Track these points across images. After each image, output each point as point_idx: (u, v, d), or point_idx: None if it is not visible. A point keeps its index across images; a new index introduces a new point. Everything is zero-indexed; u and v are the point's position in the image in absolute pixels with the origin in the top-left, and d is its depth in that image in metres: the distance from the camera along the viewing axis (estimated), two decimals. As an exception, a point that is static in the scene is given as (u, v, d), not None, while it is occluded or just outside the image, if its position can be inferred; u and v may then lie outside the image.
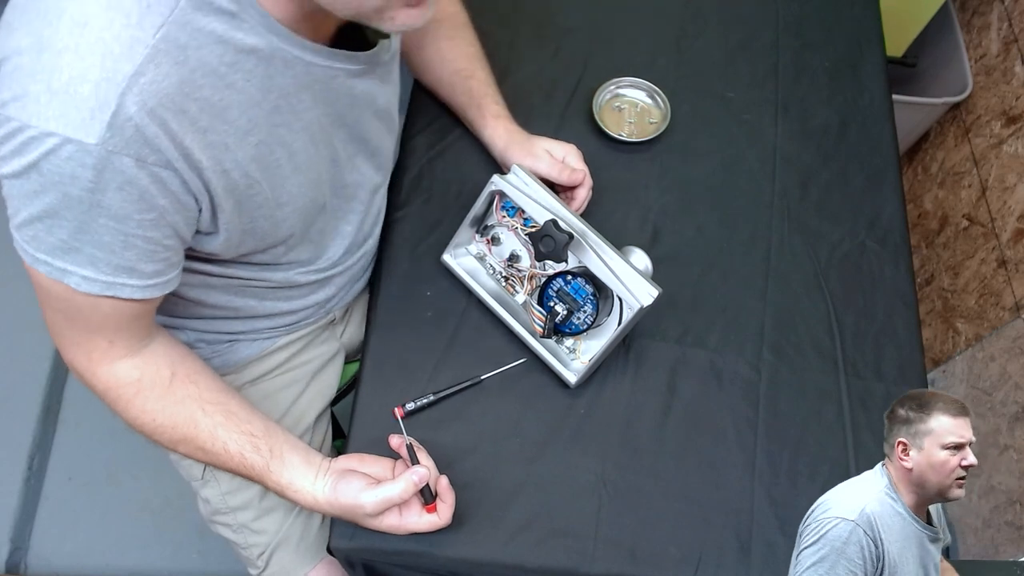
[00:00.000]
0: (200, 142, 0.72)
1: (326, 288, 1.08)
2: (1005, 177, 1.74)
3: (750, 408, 1.11)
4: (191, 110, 0.69)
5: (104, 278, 0.76)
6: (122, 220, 0.72)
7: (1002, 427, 1.63)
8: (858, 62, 1.46)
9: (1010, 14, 1.79)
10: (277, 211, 0.85)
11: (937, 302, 1.94)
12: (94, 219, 0.71)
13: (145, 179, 0.69)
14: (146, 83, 0.66)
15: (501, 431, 1.04)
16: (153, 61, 0.66)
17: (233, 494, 1.13)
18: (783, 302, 1.19)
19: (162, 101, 0.67)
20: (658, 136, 1.28)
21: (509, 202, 1.04)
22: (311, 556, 1.16)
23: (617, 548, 1.00)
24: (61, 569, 1.78)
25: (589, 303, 1.03)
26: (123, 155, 0.67)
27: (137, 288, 0.78)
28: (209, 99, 0.71)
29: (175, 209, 0.74)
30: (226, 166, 0.75)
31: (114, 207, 0.70)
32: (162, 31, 0.66)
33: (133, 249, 0.75)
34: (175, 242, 0.78)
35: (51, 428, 1.91)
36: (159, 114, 0.67)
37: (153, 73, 0.66)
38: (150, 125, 0.67)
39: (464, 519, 0.98)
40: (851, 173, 1.33)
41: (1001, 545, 1.58)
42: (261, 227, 0.86)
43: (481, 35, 1.23)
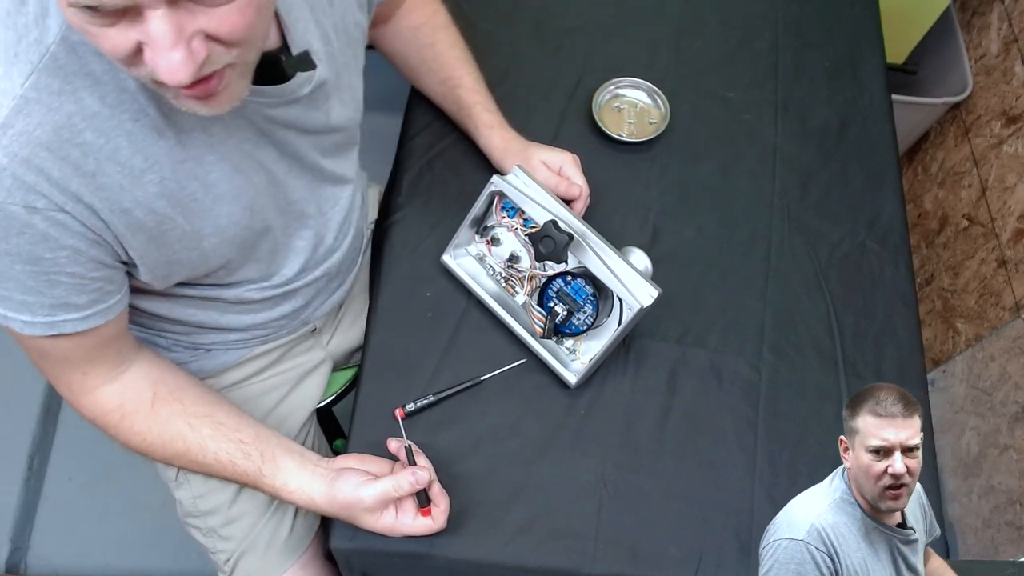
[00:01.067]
0: (89, 185, 0.70)
1: (290, 301, 1.05)
2: (1005, 177, 1.74)
3: (750, 408, 1.11)
4: (72, 155, 0.68)
5: (42, 319, 0.76)
6: (36, 262, 0.71)
7: (1002, 427, 1.63)
8: (858, 62, 1.46)
9: (1010, 14, 1.79)
10: (202, 242, 0.83)
11: (937, 302, 1.94)
12: (9, 266, 0.71)
13: (41, 223, 0.69)
14: (15, 134, 0.64)
15: (501, 432, 1.04)
16: (22, 111, 0.64)
17: (204, 498, 1.13)
18: (783, 302, 1.19)
19: (35, 151, 0.66)
20: (658, 136, 1.28)
21: (509, 203, 1.04)
22: (278, 563, 1.15)
23: (617, 548, 1.00)
24: (61, 569, 1.78)
25: (589, 304, 1.03)
26: (9, 204, 0.66)
27: (78, 320, 0.78)
28: (93, 142, 0.69)
29: (88, 246, 0.73)
30: (125, 206, 0.73)
31: (23, 252, 0.70)
32: (31, 79, 0.64)
33: (59, 286, 0.74)
34: (104, 272, 0.77)
35: (51, 428, 1.91)
36: (35, 163, 0.66)
37: (23, 123, 0.65)
38: (27, 173, 0.66)
39: (464, 520, 0.98)
40: (851, 173, 1.33)
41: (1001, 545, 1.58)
42: (187, 258, 0.84)
43: (481, 35, 1.23)
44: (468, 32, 1.21)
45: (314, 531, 1.18)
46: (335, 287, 1.11)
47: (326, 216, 1.01)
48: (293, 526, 1.16)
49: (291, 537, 1.15)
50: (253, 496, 1.12)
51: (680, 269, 1.18)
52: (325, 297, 1.10)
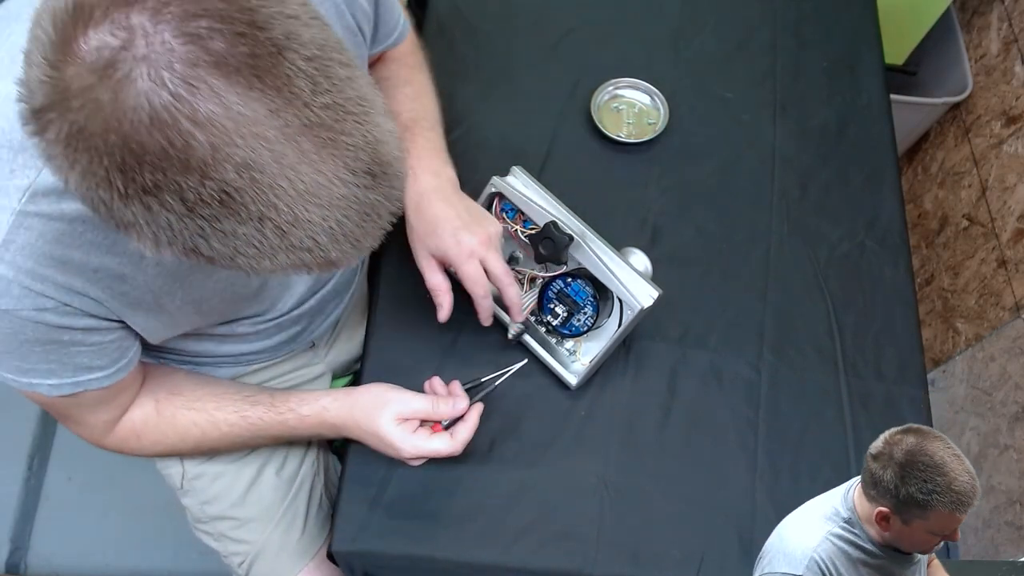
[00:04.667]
0: (91, 279, 0.71)
1: (287, 330, 1.05)
2: (1005, 177, 1.74)
3: (751, 409, 1.11)
4: (75, 258, 0.68)
5: (68, 380, 0.77)
6: (53, 343, 0.73)
7: (1002, 427, 1.63)
8: (856, 62, 1.46)
9: (1010, 14, 1.79)
10: (202, 305, 0.84)
11: (937, 302, 1.94)
12: (29, 351, 0.72)
13: (52, 318, 0.70)
14: (17, 248, 0.65)
15: (502, 433, 1.04)
16: (22, 226, 0.65)
17: (211, 503, 1.13)
18: (783, 302, 1.19)
19: (39, 261, 0.66)
20: (657, 137, 1.28)
21: (508, 204, 1.04)
22: (292, 564, 1.15)
23: (619, 550, 1.00)
24: (61, 569, 1.78)
25: (589, 305, 1.03)
26: (20, 310, 0.67)
27: (105, 377, 0.80)
28: (94, 241, 0.69)
29: (98, 323, 0.75)
30: (125, 290, 0.74)
31: (40, 339, 0.71)
32: (28, 193, 0.64)
33: (81, 355, 0.76)
34: (119, 333, 0.79)
35: (51, 428, 1.91)
36: (40, 272, 0.67)
37: (24, 237, 0.65)
38: (34, 283, 0.67)
39: (466, 522, 0.98)
40: (850, 173, 1.33)
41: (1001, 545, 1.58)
42: (186, 320, 0.85)
43: (480, 36, 1.22)
44: (467, 34, 1.21)
45: (327, 531, 1.18)
46: (332, 308, 1.11)
47: None
48: (305, 527, 1.16)
49: (303, 538, 1.16)
50: (262, 498, 1.13)
51: (680, 270, 1.18)
52: (322, 319, 1.10)
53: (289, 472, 1.15)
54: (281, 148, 0.50)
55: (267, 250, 0.53)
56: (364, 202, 0.54)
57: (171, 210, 0.50)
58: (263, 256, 0.54)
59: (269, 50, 0.49)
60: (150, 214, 0.51)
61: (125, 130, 0.48)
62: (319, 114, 0.51)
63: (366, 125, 0.53)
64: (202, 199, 0.50)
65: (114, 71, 0.47)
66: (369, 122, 0.53)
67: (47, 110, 0.49)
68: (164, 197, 0.50)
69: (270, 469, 1.14)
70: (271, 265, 0.55)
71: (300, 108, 0.50)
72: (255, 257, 0.54)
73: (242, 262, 0.54)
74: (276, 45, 0.49)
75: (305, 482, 1.17)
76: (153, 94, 0.47)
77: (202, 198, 0.50)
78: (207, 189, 0.49)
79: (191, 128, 0.48)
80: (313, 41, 0.51)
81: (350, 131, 0.52)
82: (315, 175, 0.51)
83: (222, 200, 0.50)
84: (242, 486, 1.12)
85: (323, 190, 0.52)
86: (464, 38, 1.20)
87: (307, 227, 0.53)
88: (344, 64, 0.52)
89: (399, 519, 0.98)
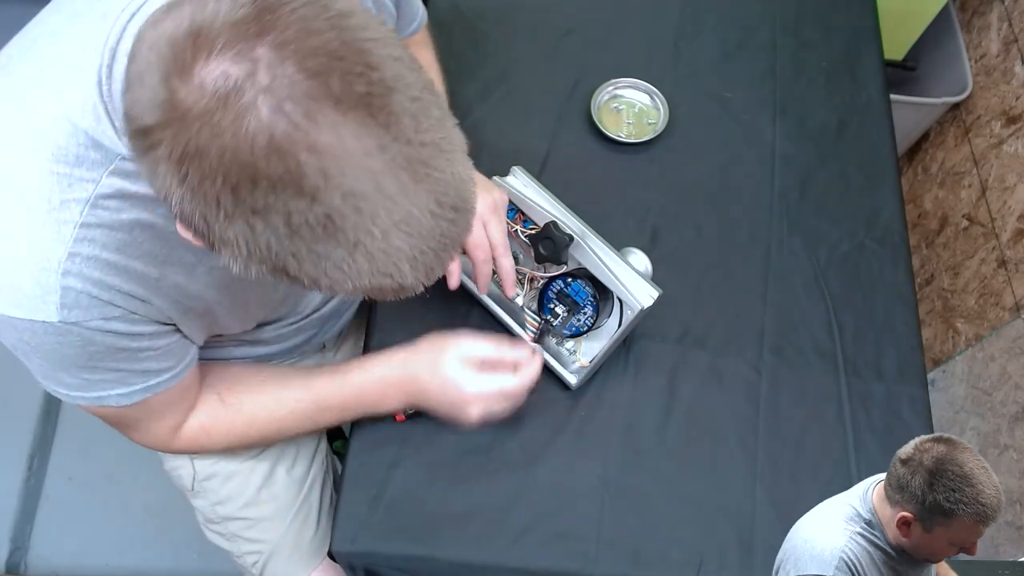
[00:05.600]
0: (152, 288, 0.73)
1: (303, 333, 1.06)
2: (1005, 177, 1.74)
3: (751, 409, 1.11)
4: (136, 268, 0.70)
5: (138, 387, 0.79)
6: (121, 351, 0.74)
7: (1002, 427, 1.63)
8: (855, 62, 1.46)
9: (1010, 14, 1.79)
10: (239, 311, 0.87)
11: (937, 302, 1.94)
12: (98, 362, 0.74)
13: (121, 326, 0.71)
14: (82, 260, 0.66)
15: (502, 433, 1.04)
16: (86, 239, 0.66)
17: (223, 504, 1.13)
18: (783, 302, 1.19)
19: (105, 271, 0.68)
20: (656, 137, 1.28)
21: (508, 204, 1.04)
22: (306, 563, 1.16)
23: (619, 550, 1.00)
24: (61, 569, 1.78)
25: (589, 305, 1.03)
26: (88, 321, 0.69)
27: (172, 378, 0.82)
28: (152, 251, 0.71)
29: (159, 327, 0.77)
30: (180, 299, 0.76)
31: (109, 348, 0.73)
32: (88, 205, 0.66)
33: (148, 360, 0.78)
34: (179, 335, 0.81)
35: (51, 428, 1.91)
36: (106, 281, 0.68)
37: (88, 249, 0.66)
38: (102, 292, 0.68)
39: (466, 522, 0.98)
40: (850, 173, 1.33)
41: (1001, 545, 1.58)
42: (227, 325, 0.88)
43: (480, 36, 1.22)
44: (467, 34, 1.21)
45: None
46: (344, 309, 1.12)
47: None
48: (319, 524, 1.17)
49: (316, 537, 1.16)
50: (274, 497, 1.13)
51: (680, 270, 1.18)
52: (335, 321, 1.11)
53: (300, 471, 1.16)
54: (384, 180, 0.53)
55: (353, 274, 0.56)
56: (445, 234, 0.58)
57: (274, 231, 0.53)
58: (347, 279, 0.57)
59: (381, 90, 0.53)
60: (252, 234, 0.54)
61: (243, 154, 0.51)
62: (418, 151, 0.54)
63: (454, 164, 0.57)
64: (307, 222, 0.53)
65: (238, 98, 0.50)
66: (456, 160, 0.57)
67: (161, 128, 0.52)
68: (270, 218, 0.53)
69: (281, 468, 1.14)
70: (352, 288, 0.58)
71: (404, 144, 0.53)
72: (339, 280, 0.57)
73: (324, 283, 0.57)
74: (387, 86, 0.53)
75: (316, 480, 1.18)
76: (274, 123, 0.50)
77: (307, 221, 0.53)
78: (313, 213, 0.52)
79: (307, 156, 0.51)
80: (416, 83, 0.55)
81: (442, 168, 0.56)
82: (410, 207, 0.55)
83: (325, 225, 0.53)
84: (254, 486, 1.12)
85: (415, 221, 0.55)
86: (464, 38, 1.20)
87: (395, 255, 0.56)
88: (438, 106, 0.57)
89: (399, 519, 0.98)
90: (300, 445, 1.17)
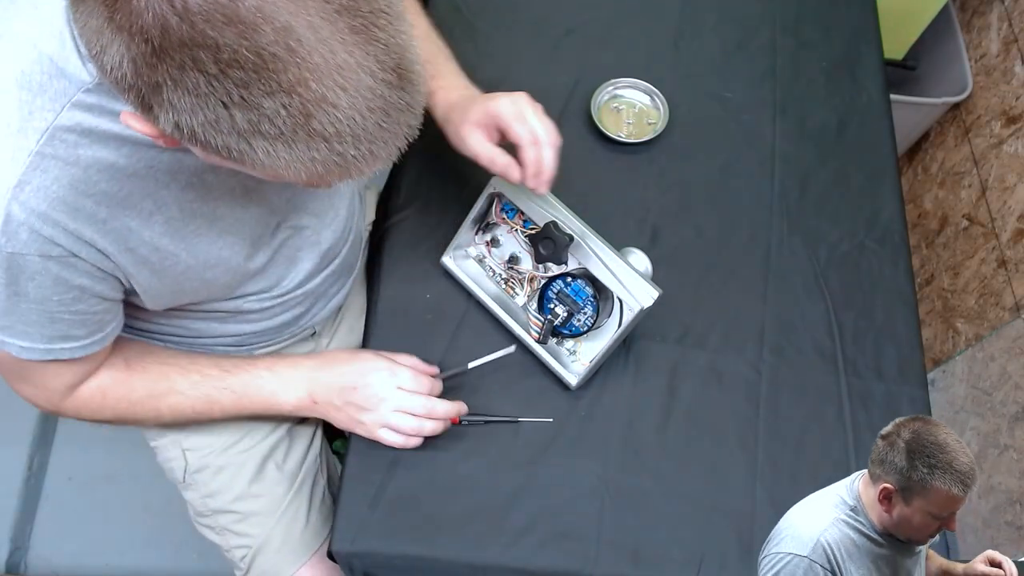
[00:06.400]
0: (100, 230, 0.71)
1: (291, 310, 1.05)
2: (1005, 177, 1.74)
3: (751, 409, 1.11)
4: (86, 207, 0.69)
5: (41, 346, 0.78)
6: (42, 302, 0.73)
7: (1002, 427, 1.63)
8: (855, 62, 1.45)
9: (1010, 14, 1.79)
10: (206, 272, 0.85)
11: (937, 302, 1.94)
12: (16, 305, 0.72)
13: (55, 268, 0.70)
14: (32, 190, 0.65)
15: (502, 433, 1.04)
16: (39, 168, 0.65)
17: (213, 497, 1.13)
18: (783, 302, 1.19)
19: (52, 204, 0.67)
20: (656, 137, 1.28)
21: (508, 204, 1.04)
22: (295, 559, 1.15)
23: (619, 550, 1.00)
24: (61, 569, 1.78)
25: (589, 305, 1.03)
26: (24, 255, 0.68)
27: (76, 348, 0.81)
28: (107, 191, 0.70)
29: (94, 282, 0.75)
30: (131, 245, 0.75)
31: (31, 293, 0.71)
32: (46, 135, 0.65)
33: (60, 323, 0.77)
34: (105, 305, 0.79)
35: (51, 428, 1.91)
36: (51, 216, 0.67)
37: (40, 179, 0.65)
38: (44, 227, 0.67)
39: (466, 522, 0.98)
40: (850, 173, 1.33)
41: (1001, 545, 1.58)
42: (190, 287, 0.86)
43: (479, 36, 1.22)
44: (467, 34, 1.21)
45: (329, 527, 1.18)
46: (334, 292, 1.11)
47: (328, 227, 1.01)
48: (308, 520, 1.16)
49: (306, 531, 1.16)
50: (264, 492, 1.13)
51: (680, 270, 1.18)
52: (324, 303, 1.10)
53: (292, 466, 1.16)
54: (319, 23, 0.51)
55: (288, 131, 0.54)
56: (388, 100, 0.55)
57: (202, 70, 0.51)
58: (283, 139, 0.54)
59: None
60: (180, 73, 0.51)
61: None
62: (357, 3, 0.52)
63: (395, 26, 0.54)
64: (236, 60, 0.50)
65: None
66: (400, 25, 0.55)
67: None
68: (197, 53, 0.50)
69: (272, 463, 1.14)
70: (287, 156, 0.55)
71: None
72: (274, 139, 0.54)
73: (260, 147, 0.54)
74: None
75: (308, 476, 1.18)
76: None
77: (236, 58, 0.50)
78: (243, 49, 0.50)
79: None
80: None
81: (383, 27, 0.53)
82: (347, 56, 0.52)
83: (256, 65, 0.51)
84: (245, 479, 1.12)
85: (352, 75, 0.53)
86: (464, 38, 1.20)
87: (331, 111, 0.53)
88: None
89: (399, 519, 0.98)
90: (293, 439, 1.17)
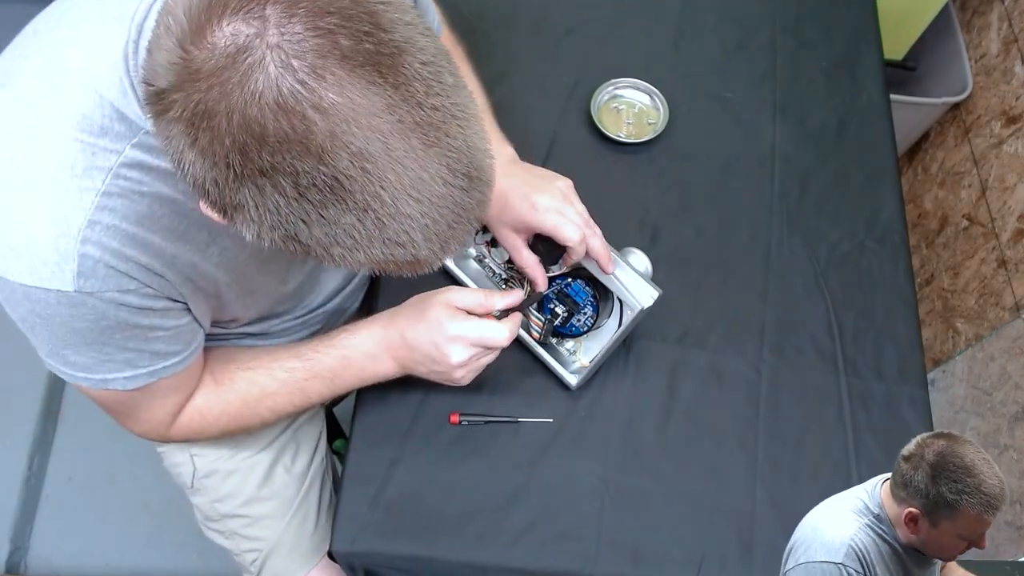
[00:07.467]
0: (168, 264, 0.73)
1: (310, 328, 1.07)
2: (1005, 177, 1.74)
3: (751, 409, 1.11)
4: (154, 241, 0.70)
5: (144, 370, 0.78)
6: (133, 327, 0.74)
7: (1002, 427, 1.63)
8: (855, 62, 1.45)
9: (1010, 14, 1.79)
10: (246, 298, 0.87)
11: (937, 302, 1.94)
12: (108, 337, 0.73)
13: (134, 300, 0.71)
14: (102, 229, 0.66)
15: (502, 433, 1.04)
16: (107, 207, 0.66)
17: (222, 502, 1.13)
18: (783, 302, 1.19)
19: (123, 241, 0.68)
20: (656, 137, 1.28)
21: (509, 204, 1.04)
22: (305, 561, 1.16)
23: (620, 550, 1.00)
24: (61, 569, 1.78)
25: (589, 305, 1.03)
26: (104, 292, 0.68)
27: (180, 362, 0.81)
28: (170, 226, 0.71)
29: (171, 305, 0.76)
30: (193, 278, 0.76)
31: (120, 322, 0.72)
32: (111, 174, 0.66)
33: (158, 341, 0.77)
34: (189, 317, 0.80)
35: (51, 428, 1.91)
36: (124, 252, 0.68)
37: (109, 218, 0.66)
38: (119, 263, 0.68)
39: (466, 522, 0.98)
40: (850, 173, 1.33)
41: (1001, 545, 1.58)
42: (232, 312, 0.88)
43: (480, 36, 1.22)
44: (467, 34, 1.21)
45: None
46: (348, 306, 1.12)
47: None
48: (317, 522, 1.17)
49: (316, 534, 1.16)
50: (274, 495, 1.13)
51: (680, 270, 1.18)
52: (339, 317, 1.12)
53: (300, 468, 1.16)
54: (393, 142, 0.53)
55: (364, 241, 0.56)
56: (458, 203, 0.57)
57: (282, 193, 0.53)
58: (359, 247, 0.56)
59: (391, 50, 0.52)
60: (261, 196, 0.53)
61: (251, 112, 0.50)
62: (430, 115, 0.54)
63: (467, 131, 0.56)
64: (314, 184, 0.52)
65: (246, 56, 0.50)
66: (469, 128, 0.56)
67: (173, 91, 0.52)
68: (278, 179, 0.52)
69: (281, 465, 1.14)
70: (364, 258, 0.57)
71: (414, 107, 0.53)
72: (351, 248, 0.56)
73: (336, 253, 0.57)
74: (397, 47, 0.52)
75: (316, 478, 1.18)
76: (281, 80, 0.50)
77: (314, 183, 0.52)
78: (320, 174, 0.52)
79: (314, 115, 0.51)
80: (428, 48, 0.54)
81: (454, 134, 0.55)
82: (420, 171, 0.54)
83: (332, 187, 0.53)
84: (254, 483, 1.12)
85: (425, 187, 0.55)
86: (464, 38, 1.20)
87: (405, 221, 0.55)
88: (452, 73, 0.56)
89: (399, 519, 0.98)
90: (300, 442, 1.17)
